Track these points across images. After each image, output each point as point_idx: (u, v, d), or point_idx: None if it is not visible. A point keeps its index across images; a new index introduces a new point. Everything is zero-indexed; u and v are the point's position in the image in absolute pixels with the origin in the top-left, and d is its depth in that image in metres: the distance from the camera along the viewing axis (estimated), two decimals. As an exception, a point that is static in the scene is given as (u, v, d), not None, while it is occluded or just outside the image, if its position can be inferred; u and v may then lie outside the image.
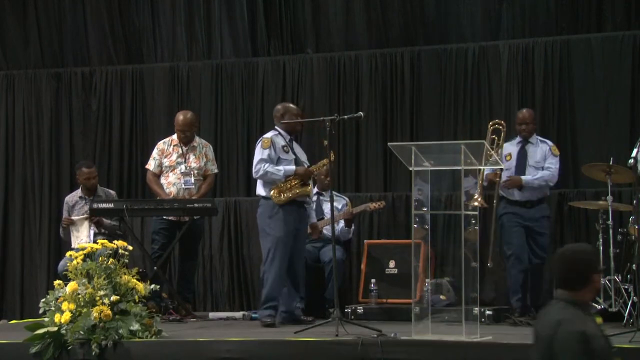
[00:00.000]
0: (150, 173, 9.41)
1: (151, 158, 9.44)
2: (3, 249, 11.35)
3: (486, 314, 8.35)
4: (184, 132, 9.32)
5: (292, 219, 8.30)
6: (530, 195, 8.87)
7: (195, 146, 9.39)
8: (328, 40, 10.94)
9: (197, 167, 9.33)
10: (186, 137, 9.33)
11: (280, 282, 8.28)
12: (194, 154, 9.35)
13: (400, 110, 10.54)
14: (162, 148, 9.40)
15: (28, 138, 11.46)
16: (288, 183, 8.32)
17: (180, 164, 9.30)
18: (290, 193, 8.30)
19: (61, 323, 7.06)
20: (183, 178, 9.27)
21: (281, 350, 6.90)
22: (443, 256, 8.81)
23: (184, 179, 9.28)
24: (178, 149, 9.35)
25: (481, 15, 10.48)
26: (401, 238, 9.76)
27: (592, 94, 10.00)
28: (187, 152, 9.34)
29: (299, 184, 8.33)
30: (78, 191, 9.75)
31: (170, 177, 9.30)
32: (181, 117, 9.38)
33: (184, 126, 9.31)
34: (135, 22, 11.44)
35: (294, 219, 8.32)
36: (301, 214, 8.45)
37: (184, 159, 9.31)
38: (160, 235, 9.26)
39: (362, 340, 6.71)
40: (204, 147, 9.44)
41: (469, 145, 7.00)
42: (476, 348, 6.63)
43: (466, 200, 7.19)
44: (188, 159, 9.32)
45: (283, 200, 8.28)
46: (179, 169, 9.29)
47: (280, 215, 8.29)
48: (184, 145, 9.35)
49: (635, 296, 8.00)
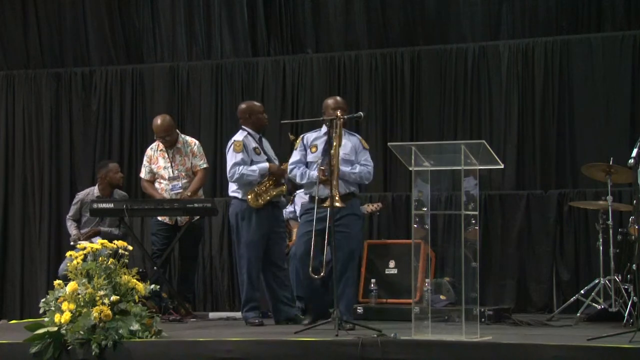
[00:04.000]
0: (144, 180, 9.40)
1: (142, 166, 9.43)
2: (3, 249, 11.35)
3: (486, 314, 8.34)
4: (164, 137, 9.23)
5: (266, 222, 8.30)
6: None
7: (180, 147, 9.31)
8: (328, 40, 10.94)
9: (185, 169, 9.29)
10: (167, 141, 9.25)
11: (256, 282, 8.33)
12: (180, 155, 9.29)
13: (400, 110, 10.54)
14: (149, 155, 9.38)
15: (28, 138, 11.46)
16: (263, 185, 8.30)
17: (167, 168, 9.28)
18: (266, 195, 8.30)
19: (61, 323, 7.05)
20: (170, 183, 9.25)
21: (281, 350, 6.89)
22: (443, 256, 8.80)
23: (172, 184, 9.25)
24: (164, 154, 9.30)
25: (481, 15, 10.49)
26: (401, 238, 9.77)
27: (592, 93, 10.01)
28: (173, 155, 9.30)
29: (273, 184, 8.32)
30: (94, 190, 9.71)
31: (162, 184, 9.30)
32: (158, 122, 9.26)
33: (163, 132, 9.22)
34: (135, 22, 11.44)
35: (269, 221, 8.31)
36: (276, 215, 8.46)
37: (171, 162, 9.29)
38: (159, 237, 9.27)
39: (362, 340, 6.71)
40: (189, 146, 9.36)
41: (469, 145, 7.00)
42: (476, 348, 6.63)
43: None
44: (175, 162, 9.29)
45: (260, 205, 8.28)
46: (166, 174, 9.27)
47: (254, 219, 8.28)
48: (168, 148, 9.31)
49: (635, 296, 7.99)
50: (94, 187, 9.76)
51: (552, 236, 9.88)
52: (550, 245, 9.88)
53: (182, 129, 10.05)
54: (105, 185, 9.65)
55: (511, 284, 9.92)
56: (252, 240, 8.28)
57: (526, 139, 10.15)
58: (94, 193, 9.67)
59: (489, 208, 10.03)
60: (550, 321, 8.45)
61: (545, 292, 9.84)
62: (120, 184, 9.78)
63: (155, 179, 9.34)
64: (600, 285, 8.41)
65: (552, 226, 9.89)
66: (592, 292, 8.42)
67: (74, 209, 9.73)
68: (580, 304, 8.54)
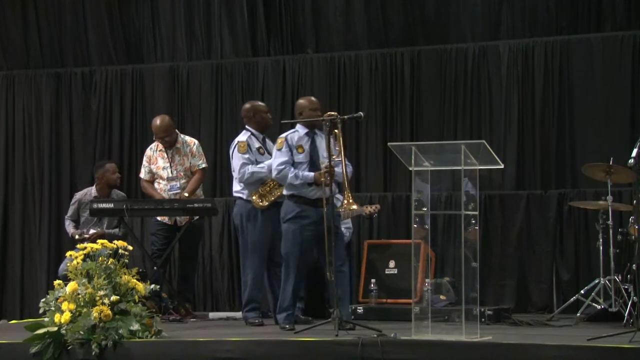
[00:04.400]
0: (143, 180, 9.41)
1: (142, 166, 9.44)
2: (3, 249, 11.35)
3: (486, 314, 8.35)
4: (163, 137, 9.23)
5: (270, 223, 8.26)
6: None
7: (179, 147, 9.32)
8: (328, 40, 10.94)
9: (184, 169, 9.29)
10: (166, 142, 9.25)
11: (260, 283, 8.33)
12: (179, 155, 9.30)
13: (400, 110, 10.54)
14: (149, 155, 9.38)
15: (28, 138, 11.46)
16: (267, 186, 8.28)
17: (166, 168, 9.28)
18: (271, 196, 8.28)
19: (61, 323, 7.05)
20: (169, 183, 9.25)
21: (281, 350, 6.89)
22: (443, 256, 8.80)
23: (170, 184, 9.25)
24: (163, 154, 9.30)
25: (481, 15, 10.49)
26: (401, 238, 9.76)
27: (592, 94, 10.01)
28: (172, 155, 9.30)
29: (277, 184, 8.24)
30: (92, 190, 9.70)
31: (161, 184, 9.30)
32: (157, 123, 9.26)
33: (162, 132, 9.23)
34: (135, 22, 11.44)
35: (273, 222, 8.24)
36: None
37: (170, 163, 9.29)
38: (159, 237, 9.26)
39: (362, 340, 6.71)
40: (188, 146, 9.36)
41: (469, 145, 7.00)
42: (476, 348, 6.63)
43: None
44: (174, 162, 9.29)
45: (265, 205, 8.26)
46: (165, 174, 9.27)
47: (259, 219, 8.28)
48: (168, 149, 9.31)
49: (635, 296, 7.99)
50: (92, 188, 9.76)
51: (552, 236, 9.88)
52: (550, 245, 9.88)
53: (182, 129, 10.05)
54: (102, 185, 9.65)
55: (511, 284, 9.92)
56: (257, 241, 8.28)
57: (526, 139, 10.15)
58: (92, 193, 9.66)
59: (489, 208, 10.02)
60: (550, 321, 8.45)
61: (545, 292, 9.84)
62: (117, 185, 9.77)
63: (155, 179, 9.34)
64: (600, 285, 8.40)
65: (552, 226, 9.88)
66: (592, 292, 8.42)
67: (72, 209, 9.73)
68: (580, 304, 8.54)
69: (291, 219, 7.89)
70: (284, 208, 7.98)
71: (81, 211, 9.64)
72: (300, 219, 7.85)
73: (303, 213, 7.83)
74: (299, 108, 8.13)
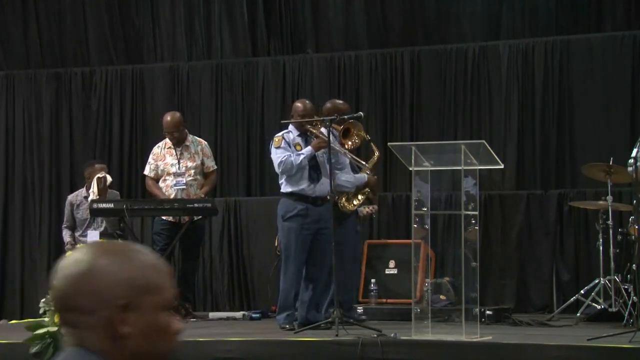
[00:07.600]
0: (148, 178, 9.41)
1: (147, 164, 9.44)
2: (3, 249, 11.35)
3: (486, 314, 8.35)
4: (172, 133, 9.23)
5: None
6: None
7: (189, 145, 9.34)
8: (328, 40, 10.94)
9: (194, 166, 9.30)
10: (175, 137, 9.25)
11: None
12: (188, 153, 9.31)
13: (400, 110, 10.54)
14: (156, 152, 9.39)
15: (28, 138, 11.46)
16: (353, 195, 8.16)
17: (174, 165, 9.29)
18: (355, 200, 8.14)
19: (61, 323, 7.05)
20: (175, 179, 9.26)
21: (281, 350, 6.90)
22: (443, 256, 8.80)
23: (176, 179, 9.25)
24: (172, 151, 9.31)
25: (481, 15, 10.49)
26: (401, 238, 9.75)
27: (592, 94, 10.01)
28: (181, 152, 9.32)
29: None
30: (82, 191, 9.71)
31: (167, 180, 9.30)
32: (168, 119, 9.28)
33: (172, 127, 9.23)
34: (135, 22, 11.44)
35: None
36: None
37: (178, 160, 9.30)
38: (162, 236, 9.26)
39: (362, 340, 6.71)
40: (198, 145, 9.38)
41: (469, 145, 7.00)
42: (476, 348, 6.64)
43: None
44: (182, 159, 9.30)
45: (354, 208, 8.12)
46: (173, 169, 9.28)
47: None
48: (177, 146, 9.32)
49: (635, 296, 7.99)
50: (82, 189, 9.76)
51: (552, 236, 9.87)
52: (550, 245, 9.87)
53: (182, 129, 10.05)
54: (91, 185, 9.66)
55: (511, 284, 9.91)
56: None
57: (526, 139, 10.15)
58: (82, 194, 9.67)
59: (489, 208, 10.02)
60: (550, 321, 8.45)
61: (545, 292, 9.83)
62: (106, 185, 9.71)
63: (160, 177, 9.35)
64: (600, 285, 8.40)
65: (552, 226, 9.88)
66: (592, 292, 8.42)
67: (66, 214, 9.70)
68: (580, 304, 8.54)
69: (291, 217, 7.88)
70: (283, 206, 7.95)
71: (75, 212, 9.64)
72: (301, 217, 7.84)
73: (303, 211, 7.83)
74: (292, 110, 8.22)
